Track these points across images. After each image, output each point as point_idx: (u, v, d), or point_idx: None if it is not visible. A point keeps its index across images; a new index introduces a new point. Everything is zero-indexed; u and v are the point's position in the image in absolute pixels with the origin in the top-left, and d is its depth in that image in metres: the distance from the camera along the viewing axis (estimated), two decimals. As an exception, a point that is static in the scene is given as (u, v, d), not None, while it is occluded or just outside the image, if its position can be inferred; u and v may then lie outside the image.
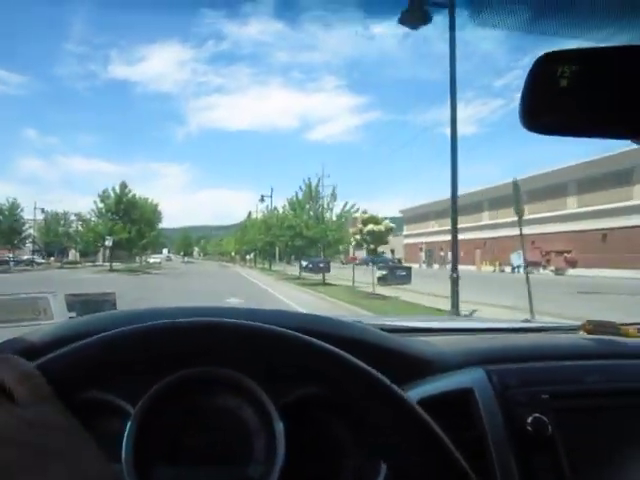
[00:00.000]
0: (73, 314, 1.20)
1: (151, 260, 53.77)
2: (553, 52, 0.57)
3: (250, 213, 51.12)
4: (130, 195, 38.33)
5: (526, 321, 1.53)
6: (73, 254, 49.87)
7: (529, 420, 0.70)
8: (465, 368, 0.78)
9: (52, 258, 37.61)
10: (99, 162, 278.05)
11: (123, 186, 38.26)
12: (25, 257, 38.69)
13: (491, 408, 0.71)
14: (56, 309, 1.07)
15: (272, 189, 45.16)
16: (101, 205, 37.52)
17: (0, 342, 0.73)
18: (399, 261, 45.98)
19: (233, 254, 70.87)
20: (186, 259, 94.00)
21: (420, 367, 0.77)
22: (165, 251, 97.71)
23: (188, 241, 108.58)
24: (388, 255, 44.96)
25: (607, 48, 0.58)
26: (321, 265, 21.17)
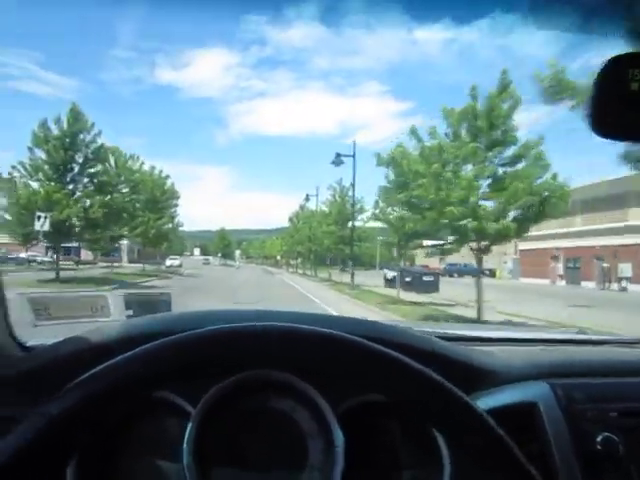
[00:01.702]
0: (130, 312, 1.20)
1: (168, 262, 37.92)
2: (622, 55, 0.55)
3: (303, 206, 39.99)
4: (99, 144, 18.68)
5: (581, 332, 1.48)
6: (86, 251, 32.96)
7: (598, 439, 0.67)
8: (529, 381, 0.76)
9: (56, 256, 18.37)
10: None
11: (75, 113, 17.87)
12: (23, 255, 27.93)
13: (557, 424, 0.68)
14: (114, 307, 1.09)
15: (317, 188, 41.36)
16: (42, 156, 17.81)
17: (64, 339, 0.74)
18: (491, 273, 37.75)
19: (279, 257, 65.57)
20: (222, 261, 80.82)
21: (483, 378, 0.75)
22: (197, 252, 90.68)
23: (227, 241, 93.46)
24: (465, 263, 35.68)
25: None
26: (427, 278, 15.59)
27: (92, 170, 18.70)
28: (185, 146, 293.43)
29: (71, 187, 18.28)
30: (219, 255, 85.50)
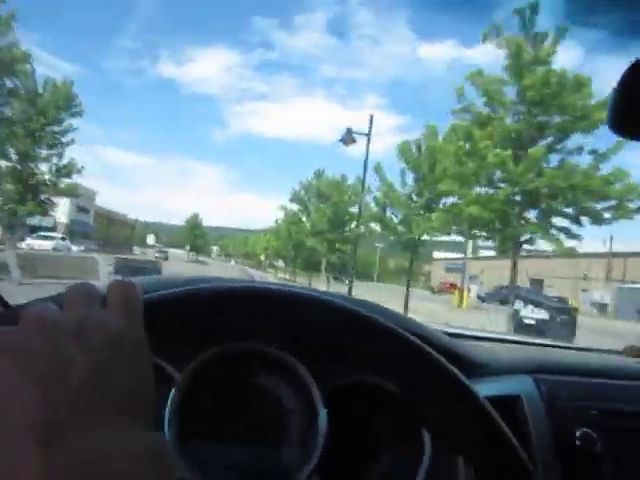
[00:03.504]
0: (119, 277, 1.15)
1: (31, 242, 21.12)
2: None
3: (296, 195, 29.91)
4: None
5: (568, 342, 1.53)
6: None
7: (577, 434, 0.69)
8: (515, 374, 0.78)
9: None
10: (137, 156, 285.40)
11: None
12: None
13: (539, 417, 0.70)
14: (103, 270, 1.03)
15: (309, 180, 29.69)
16: None
17: (48, 296, 0.71)
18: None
19: (263, 258, 55.30)
20: (192, 256, 66.47)
21: (473, 369, 0.76)
22: (150, 240, 61.48)
23: (199, 231, 69.28)
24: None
25: None
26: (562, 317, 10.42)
27: None
28: (182, 141, 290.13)
29: None
30: (187, 249, 67.86)
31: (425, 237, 14.24)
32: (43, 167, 19.74)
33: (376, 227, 17.10)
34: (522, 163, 9.43)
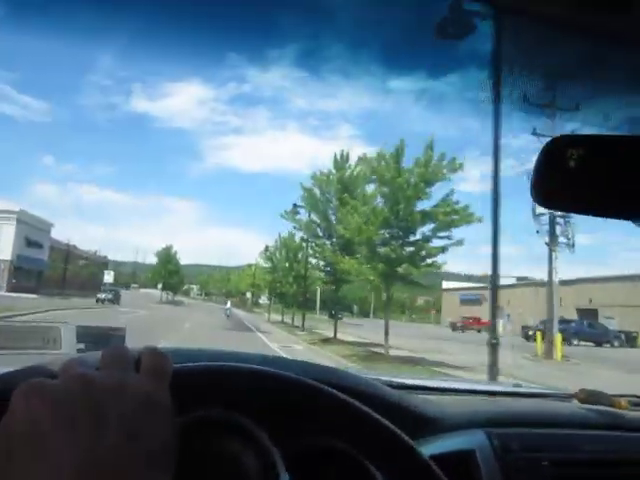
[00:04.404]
0: (81, 346, 1.25)
1: None
2: (563, 135, 0.63)
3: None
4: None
5: (517, 385, 1.54)
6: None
7: None
8: (467, 429, 0.80)
9: None
10: (112, 192, 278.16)
11: None
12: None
13: (492, 471, 0.72)
14: (66, 339, 1.06)
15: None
16: None
17: (21, 369, 0.69)
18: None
19: (249, 295, 51.40)
20: (167, 296, 58.16)
21: (424, 425, 0.78)
22: (109, 277, 44.88)
23: (173, 266, 57.58)
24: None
25: (613, 136, 0.65)
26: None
27: None
28: (156, 177, 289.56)
29: None
30: (160, 287, 56.86)
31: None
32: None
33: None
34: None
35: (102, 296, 34.10)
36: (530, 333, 22.83)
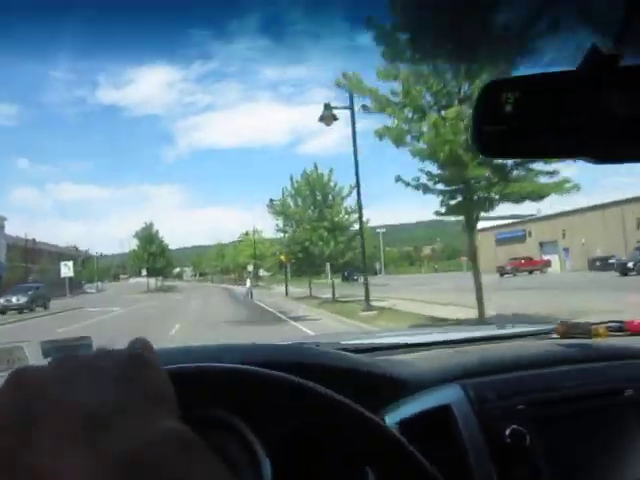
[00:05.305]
0: (49, 360, 1.00)
1: None
2: (495, 81, 0.60)
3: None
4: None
5: (500, 327, 1.54)
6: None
7: (507, 432, 0.72)
8: (442, 385, 0.80)
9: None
10: (91, 188, 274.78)
11: None
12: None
13: (469, 423, 0.73)
14: (32, 358, 1.11)
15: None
16: None
17: None
18: None
19: (250, 268, 43.55)
20: (156, 282, 49.26)
21: (398, 388, 0.79)
22: (65, 269, 28.82)
23: (156, 247, 47.95)
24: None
25: (547, 74, 0.61)
26: None
27: None
28: (133, 166, 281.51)
29: None
30: (144, 274, 47.50)
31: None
32: None
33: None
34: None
35: (8, 301, 20.77)
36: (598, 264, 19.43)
